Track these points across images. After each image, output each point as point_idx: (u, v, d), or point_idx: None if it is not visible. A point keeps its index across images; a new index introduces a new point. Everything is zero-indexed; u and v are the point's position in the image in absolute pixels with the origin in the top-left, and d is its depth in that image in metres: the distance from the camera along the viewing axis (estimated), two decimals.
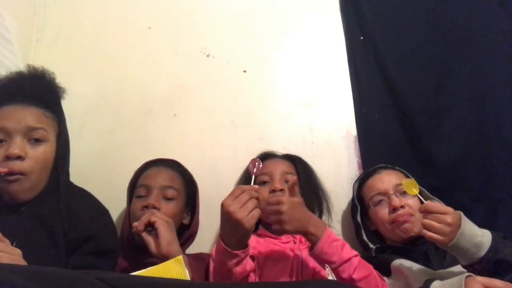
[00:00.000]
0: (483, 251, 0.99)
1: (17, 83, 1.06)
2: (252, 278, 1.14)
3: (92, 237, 1.03)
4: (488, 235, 1.01)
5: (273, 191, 1.25)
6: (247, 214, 0.94)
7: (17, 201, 1.00)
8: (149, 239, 1.04)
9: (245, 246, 0.98)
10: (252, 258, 1.07)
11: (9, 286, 0.55)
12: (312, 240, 1.03)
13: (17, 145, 0.99)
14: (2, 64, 1.34)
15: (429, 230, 1.01)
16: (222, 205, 0.96)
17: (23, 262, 0.81)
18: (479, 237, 1.00)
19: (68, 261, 1.00)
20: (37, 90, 1.07)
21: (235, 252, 0.95)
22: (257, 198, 0.97)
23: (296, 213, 1.03)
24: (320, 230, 1.03)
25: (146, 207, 1.16)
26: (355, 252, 1.05)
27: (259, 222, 1.32)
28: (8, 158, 0.97)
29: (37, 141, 1.03)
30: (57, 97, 1.12)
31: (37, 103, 1.06)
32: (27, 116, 1.02)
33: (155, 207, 1.15)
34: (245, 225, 0.93)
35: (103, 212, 1.13)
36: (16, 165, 0.97)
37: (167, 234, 1.03)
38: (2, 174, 0.96)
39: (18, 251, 0.82)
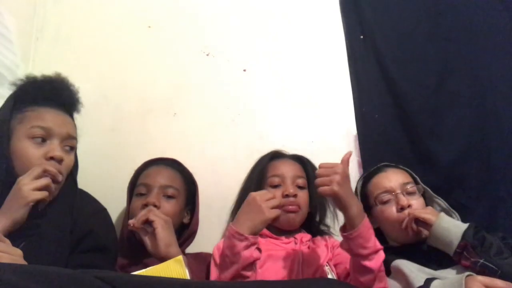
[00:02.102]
0: (462, 228, 1.10)
1: (53, 88, 1.10)
2: (253, 277, 1.15)
3: (90, 233, 1.04)
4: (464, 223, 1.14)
5: (286, 196, 1.24)
6: (270, 207, 1.05)
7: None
8: (146, 240, 1.04)
9: (255, 234, 1.04)
10: (259, 250, 1.08)
11: (9, 285, 0.56)
12: (351, 220, 1.01)
13: (59, 149, 1.04)
14: (2, 63, 1.34)
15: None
16: (250, 194, 1.08)
17: (24, 263, 0.81)
18: (456, 221, 1.17)
19: (68, 260, 1.01)
20: (72, 100, 1.14)
21: (246, 235, 1.01)
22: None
23: (347, 183, 1.03)
24: (362, 214, 1.02)
25: (146, 205, 1.16)
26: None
27: None
28: (52, 158, 1.01)
29: (71, 149, 1.09)
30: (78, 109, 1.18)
31: (70, 113, 1.13)
32: (67, 123, 1.09)
33: (155, 206, 1.16)
34: (266, 213, 1.04)
35: (101, 209, 1.14)
36: (57, 167, 1.01)
37: (165, 236, 1.03)
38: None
39: (19, 252, 0.82)
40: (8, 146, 1.01)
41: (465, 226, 1.11)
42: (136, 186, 1.25)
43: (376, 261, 1.01)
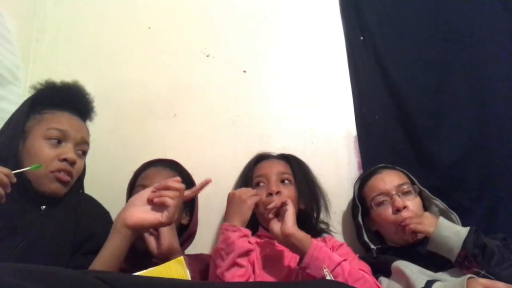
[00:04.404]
0: (463, 236, 1.08)
1: (71, 94, 1.13)
2: (252, 278, 1.14)
3: (92, 235, 1.05)
4: (465, 228, 1.11)
5: (269, 194, 1.24)
6: (250, 195, 1.17)
7: (51, 197, 1.04)
8: (150, 240, 1.05)
9: (245, 224, 1.14)
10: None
11: (7, 285, 0.55)
12: (299, 249, 1.06)
13: (73, 152, 1.07)
14: (2, 64, 1.34)
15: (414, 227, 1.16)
16: (229, 194, 1.20)
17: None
18: (456, 227, 1.13)
19: (70, 262, 1.01)
20: (87, 107, 1.17)
21: (238, 227, 1.12)
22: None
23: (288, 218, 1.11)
24: (308, 240, 1.07)
25: None
26: (343, 258, 1.07)
27: (259, 224, 1.32)
28: (65, 160, 1.04)
29: (83, 153, 1.13)
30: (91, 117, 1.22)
31: (84, 119, 1.16)
32: (83, 129, 1.13)
33: None
34: (247, 201, 1.16)
35: (104, 212, 1.15)
36: (69, 169, 1.05)
37: (167, 235, 1.04)
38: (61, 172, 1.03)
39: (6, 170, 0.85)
40: (21, 146, 1.03)
41: (465, 233, 1.08)
42: (135, 187, 1.24)
43: (342, 275, 1.02)
